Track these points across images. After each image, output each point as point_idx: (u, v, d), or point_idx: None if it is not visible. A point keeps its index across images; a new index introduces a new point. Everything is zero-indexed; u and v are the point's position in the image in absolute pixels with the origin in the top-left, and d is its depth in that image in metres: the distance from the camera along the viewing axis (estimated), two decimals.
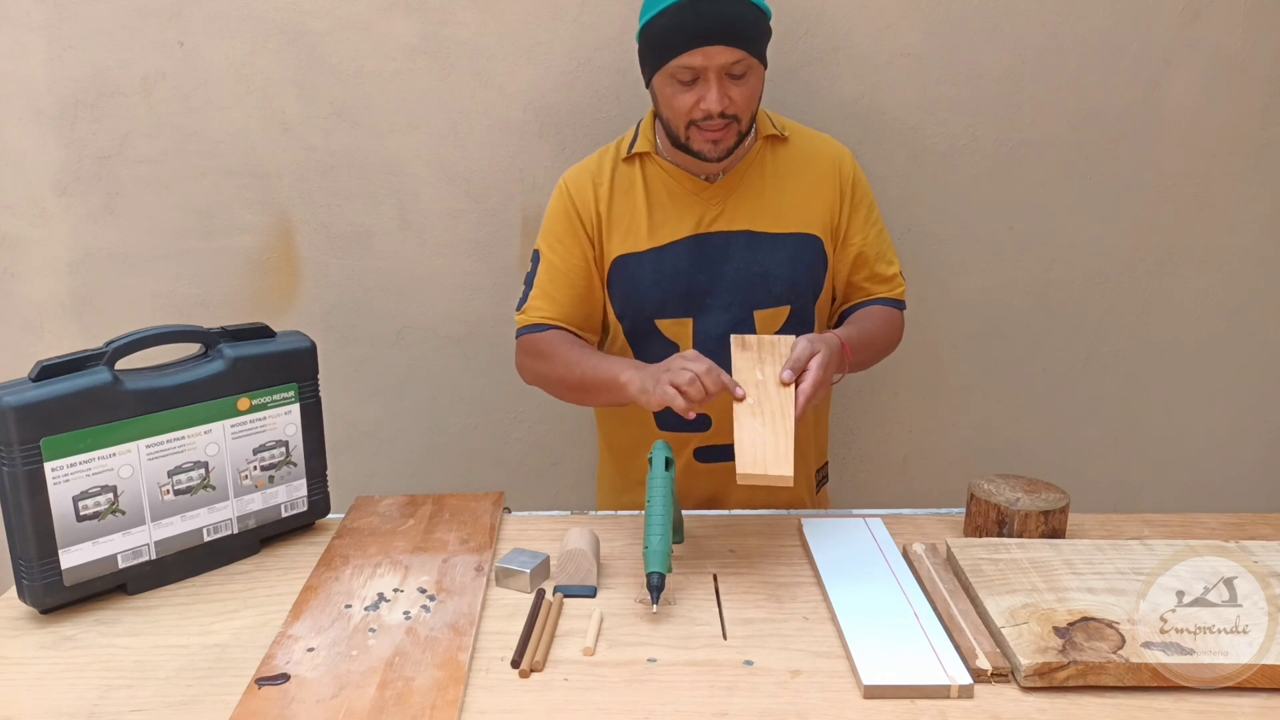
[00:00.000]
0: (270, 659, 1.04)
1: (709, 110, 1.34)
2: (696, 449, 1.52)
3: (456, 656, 1.04)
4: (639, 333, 1.49)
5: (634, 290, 1.47)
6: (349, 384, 1.93)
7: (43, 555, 1.13)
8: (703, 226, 1.45)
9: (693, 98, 1.35)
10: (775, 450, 1.06)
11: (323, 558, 1.28)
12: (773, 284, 1.45)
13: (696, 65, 1.32)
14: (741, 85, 1.35)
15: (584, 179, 1.49)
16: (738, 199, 1.46)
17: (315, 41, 1.75)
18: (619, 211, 1.48)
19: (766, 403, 1.12)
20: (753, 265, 1.45)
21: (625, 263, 1.47)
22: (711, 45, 1.31)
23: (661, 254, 1.45)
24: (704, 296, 1.46)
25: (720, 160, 1.40)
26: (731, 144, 1.39)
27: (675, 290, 1.45)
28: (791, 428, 1.10)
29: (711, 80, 1.33)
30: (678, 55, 1.32)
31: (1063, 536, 1.28)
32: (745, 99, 1.36)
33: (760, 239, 1.45)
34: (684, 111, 1.36)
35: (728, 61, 1.32)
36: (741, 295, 1.45)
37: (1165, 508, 1.47)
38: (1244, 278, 1.92)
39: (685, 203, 1.46)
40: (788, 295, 1.46)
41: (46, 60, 1.75)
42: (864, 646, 1.05)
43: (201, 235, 1.85)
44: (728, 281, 1.45)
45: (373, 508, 1.43)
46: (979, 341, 1.93)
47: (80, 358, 1.16)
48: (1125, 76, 1.78)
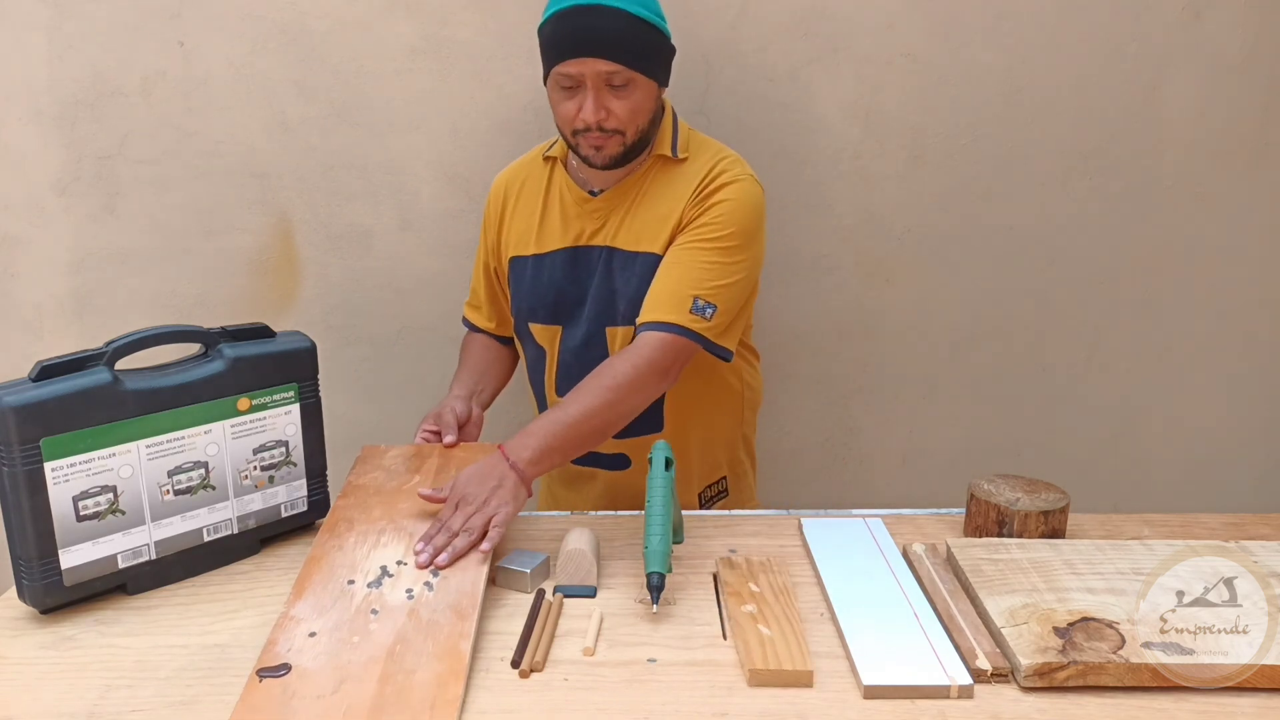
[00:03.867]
0: (272, 644, 1.04)
1: (586, 121, 1.36)
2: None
3: (458, 645, 1.03)
4: (521, 331, 1.57)
5: (518, 290, 1.54)
6: (349, 384, 1.93)
7: (43, 555, 1.13)
8: (581, 239, 1.48)
9: (574, 106, 1.37)
10: (787, 648, 1.05)
11: (326, 522, 1.27)
12: (619, 303, 1.46)
13: (573, 73, 1.35)
14: (623, 97, 1.36)
15: (501, 184, 1.58)
16: (617, 216, 1.46)
17: (315, 41, 1.75)
18: (522, 212, 1.54)
19: (767, 609, 1.12)
20: (608, 282, 1.46)
21: (516, 264, 1.54)
22: (586, 56, 1.33)
23: (541, 261, 1.50)
24: (572, 308, 1.49)
25: (606, 168, 1.41)
26: (616, 153, 1.39)
27: (547, 298, 1.50)
28: (800, 628, 1.10)
29: (589, 90, 1.35)
30: (559, 63, 1.35)
31: (1063, 536, 1.28)
32: (627, 112, 1.36)
33: (616, 256, 1.46)
34: (568, 119, 1.39)
35: (604, 71, 1.33)
36: (597, 311, 1.48)
37: (1165, 508, 1.46)
38: (1244, 278, 1.92)
39: (572, 213, 1.49)
40: (631, 315, 1.43)
41: (46, 60, 1.75)
42: (864, 646, 1.05)
43: (201, 235, 1.85)
44: (590, 296, 1.48)
45: (379, 460, 1.42)
46: (979, 341, 1.93)
47: (80, 358, 1.15)
48: (1125, 76, 1.78)
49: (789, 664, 1.02)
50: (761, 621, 1.10)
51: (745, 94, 1.75)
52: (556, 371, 1.54)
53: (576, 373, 1.45)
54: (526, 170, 1.56)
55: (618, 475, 1.56)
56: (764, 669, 1.01)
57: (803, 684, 1.01)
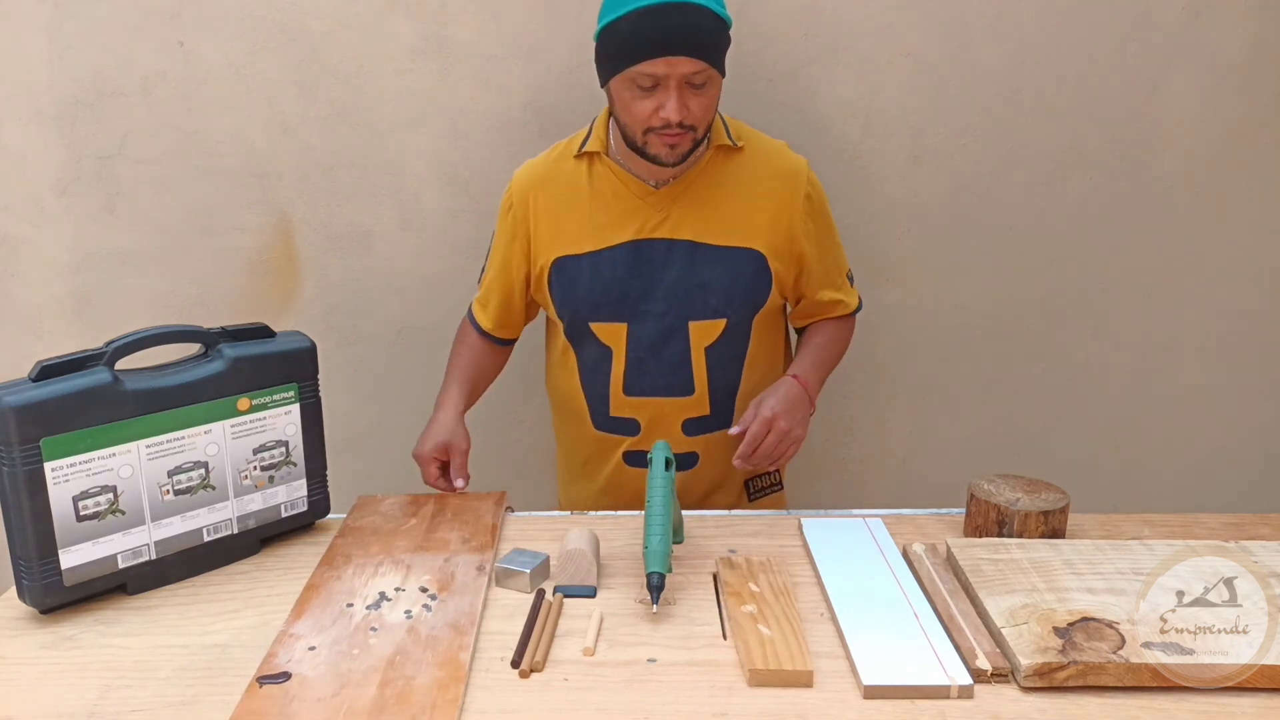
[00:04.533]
0: (272, 657, 1.04)
1: (668, 119, 1.33)
2: (625, 452, 1.55)
3: (457, 655, 1.04)
4: (576, 333, 1.51)
5: (572, 292, 1.48)
6: (349, 384, 1.93)
7: (43, 555, 1.13)
8: (644, 232, 1.45)
9: (652, 104, 1.34)
10: (787, 648, 1.05)
11: (325, 556, 1.28)
12: (710, 296, 1.45)
13: (658, 74, 1.31)
14: (701, 95, 1.35)
15: (526, 184, 1.51)
16: (683, 207, 1.45)
17: (315, 41, 1.75)
18: (561, 212, 1.48)
19: (767, 609, 1.12)
20: (691, 276, 1.45)
21: (565, 264, 1.48)
22: (675, 55, 1.30)
23: (599, 257, 1.46)
24: (639, 303, 1.46)
25: (675, 165, 1.40)
26: (687, 149, 1.38)
27: (610, 295, 1.46)
28: (800, 628, 1.10)
29: (672, 89, 1.32)
30: (639, 62, 1.31)
31: (1063, 536, 1.28)
32: (703, 109, 1.36)
33: (701, 249, 1.44)
34: (643, 118, 1.35)
35: (689, 71, 1.31)
36: (677, 304, 1.46)
37: (1165, 508, 1.46)
38: (1244, 278, 1.92)
39: (629, 206, 1.46)
40: (724, 308, 1.45)
41: (46, 60, 1.75)
42: (864, 646, 1.05)
43: (201, 235, 1.85)
44: (664, 290, 1.45)
45: (375, 507, 1.43)
46: (979, 341, 1.93)
47: (80, 358, 1.15)
48: (1125, 76, 1.78)
49: (789, 664, 1.02)
50: (761, 621, 1.10)
51: (745, 94, 1.75)
52: (625, 370, 1.49)
53: (652, 369, 1.45)
54: (554, 168, 1.51)
55: (684, 475, 1.53)
56: (764, 669, 1.01)
57: (803, 684, 1.01)
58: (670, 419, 1.50)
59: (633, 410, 1.50)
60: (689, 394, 1.48)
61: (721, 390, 1.50)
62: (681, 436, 1.50)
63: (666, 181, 1.45)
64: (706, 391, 1.49)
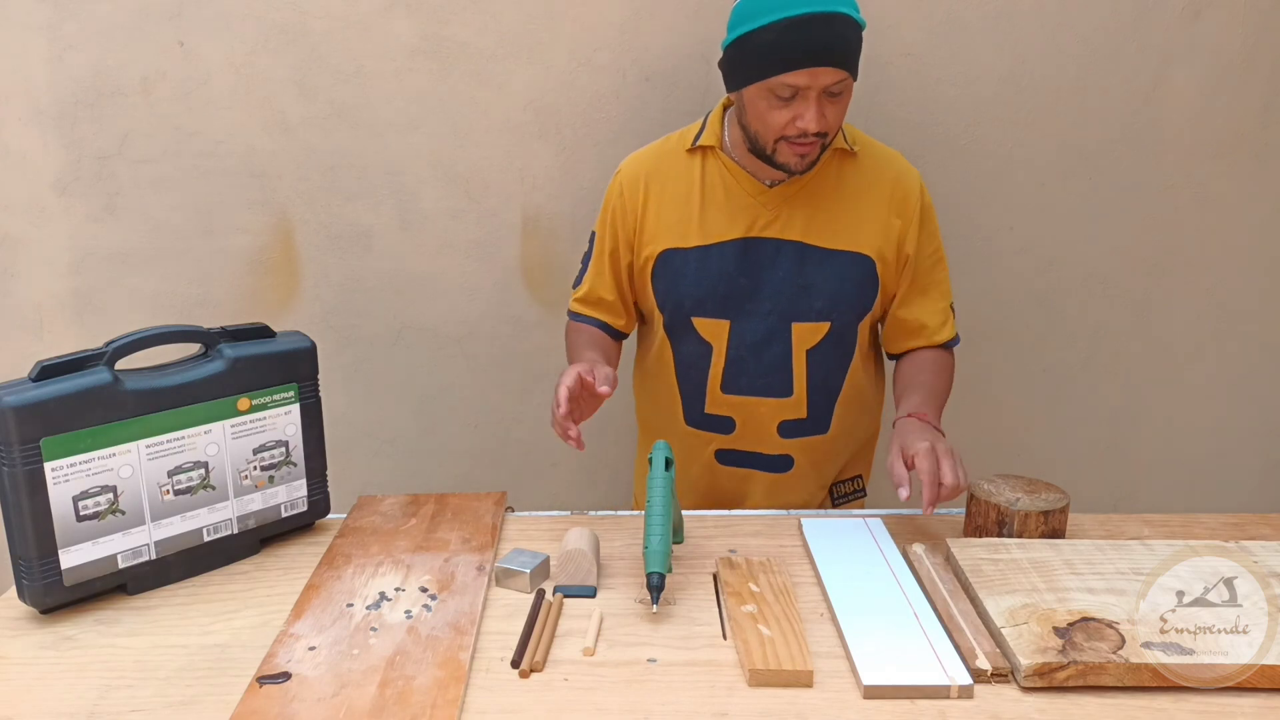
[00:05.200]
0: (272, 657, 1.04)
1: (805, 129, 1.31)
2: (717, 451, 1.54)
3: (457, 655, 1.04)
4: (676, 327, 1.49)
5: (676, 285, 1.46)
6: (349, 384, 1.93)
7: (43, 555, 1.13)
8: (754, 230, 1.43)
9: (789, 114, 1.32)
10: (787, 648, 1.05)
11: (325, 557, 1.28)
12: (815, 298, 1.44)
13: (800, 84, 1.29)
14: (837, 104, 1.33)
15: (639, 173, 1.48)
16: (793, 208, 1.43)
17: (315, 41, 1.75)
18: (670, 204, 1.46)
19: (767, 609, 1.12)
20: (798, 277, 1.43)
21: (671, 257, 1.46)
22: (820, 67, 1.27)
23: (708, 253, 1.44)
24: (744, 301, 1.45)
25: (804, 174, 1.40)
26: (815, 157, 1.37)
27: (716, 290, 1.44)
28: (800, 628, 1.10)
29: (812, 100, 1.30)
30: (783, 73, 1.28)
31: (1063, 536, 1.28)
32: (838, 118, 1.35)
33: (810, 251, 1.43)
34: (778, 127, 1.33)
35: (831, 82, 1.29)
36: (782, 305, 1.44)
37: (1165, 508, 1.47)
38: (1244, 278, 1.92)
39: (740, 204, 1.44)
40: (829, 312, 1.44)
41: (46, 60, 1.75)
42: (864, 646, 1.05)
43: (201, 235, 1.85)
44: (770, 289, 1.44)
45: (375, 507, 1.43)
46: (979, 341, 1.93)
47: (80, 358, 1.15)
48: (1125, 76, 1.78)
49: (789, 664, 1.02)
50: (761, 621, 1.10)
51: None
52: (725, 367, 1.48)
53: (752, 368, 1.44)
54: (666, 161, 1.48)
55: (779, 478, 1.53)
56: (764, 669, 1.01)
57: (803, 684, 1.01)
58: (766, 420, 1.49)
59: (729, 409, 1.49)
60: (788, 395, 1.47)
61: (820, 394, 1.49)
62: (777, 439, 1.50)
63: (780, 181, 1.44)
64: (805, 394, 1.48)
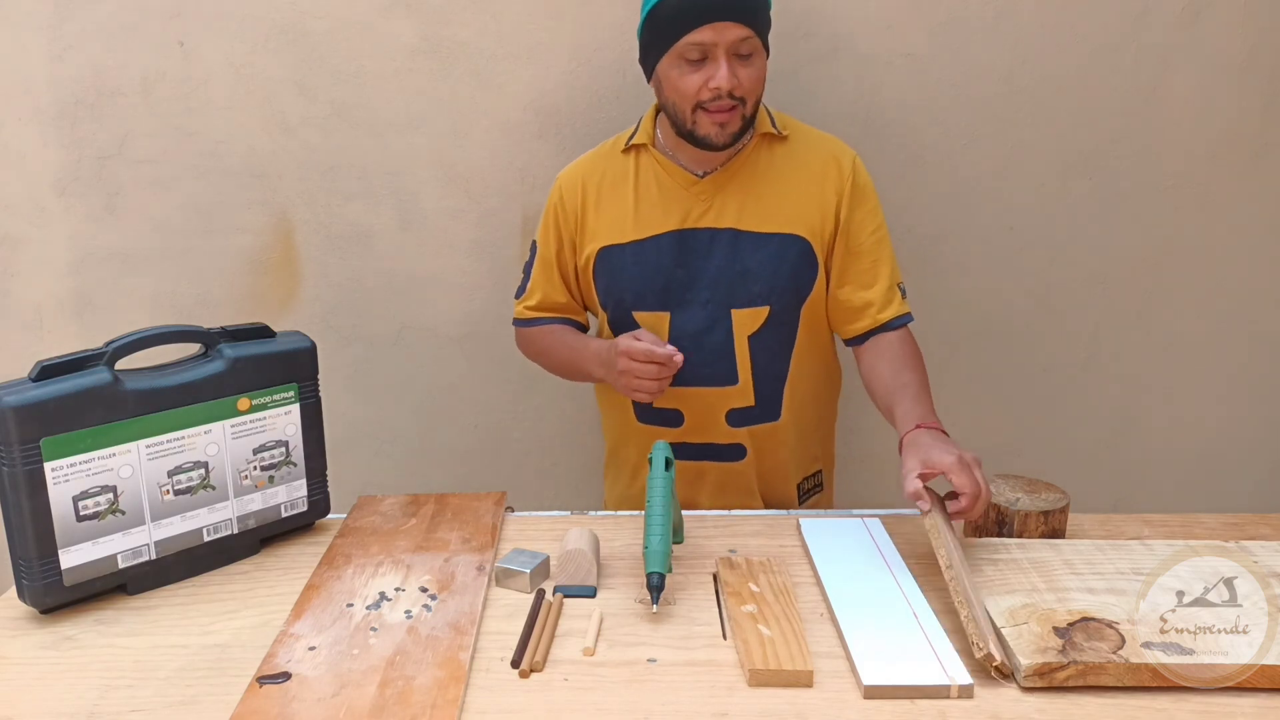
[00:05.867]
0: (272, 657, 1.04)
1: (719, 88, 1.34)
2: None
3: (457, 655, 1.04)
4: (619, 323, 1.51)
5: (616, 280, 1.49)
6: (349, 384, 1.93)
7: (43, 555, 1.13)
8: (688, 222, 1.46)
9: (701, 78, 1.35)
10: (787, 648, 1.05)
11: (325, 556, 1.28)
12: (752, 283, 1.45)
13: (706, 41, 1.33)
14: (748, 66, 1.36)
15: (576, 177, 1.53)
16: (726, 195, 1.46)
17: (315, 41, 1.75)
18: (607, 204, 1.50)
19: (767, 609, 1.12)
20: (734, 263, 1.45)
21: (609, 253, 1.49)
22: (722, 20, 1.31)
23: (643, 247, 1.47)
24: (683, 291, 1.46)
25: (725, 147, 1.40)
26: (737, 128, 1.39)
27: (654, 284, 1.47)
28: (800, 628, 1.09)
29: (720, 59, 1.34)
30: (688, 32, 1.33)
31: (1063, 536, 1.28)
32: (751, 80, 1.37)
33: (744, 237, 1.45)
34: (691, 93, 1.36)
35: (736, 38, 1.33)
36: (720, 293, 1.45)
37: (1165, 508, 1.46)
38: (1244, 278, 1.92)
39: (673, 196, 1.47)
40: (767, 295, 1.45)
41: (46, 60, 1.75)
42: (864, 646, 1.05)
43: (201, 235, 1.85)
44: (707, 278, 1.45)
45: (375, 507, 1.43)
46: (979, 341, 1.93)
47: (80, 358, 1.15)
48: (1125, 76, 1.78)
49: (789, 664, 1.02)
50: (761, 621, 1.10)
51: None
52: None
53: (697, 359, 1.43)
54: (601, 164, 1.52)
55: (732, 466, 1.53)
56: (764, 669, 1.01)
57: (803, 684, 1.01)
58: (714, 409, 1.50)
59: (676, 400, 1.49)
60: (732, 384, 1.48)
61: (766, 381, 1.49)
62: (726, 428, 1.50)
63: (712, 171, 1.45)
64: (751, 381, 1.48)
